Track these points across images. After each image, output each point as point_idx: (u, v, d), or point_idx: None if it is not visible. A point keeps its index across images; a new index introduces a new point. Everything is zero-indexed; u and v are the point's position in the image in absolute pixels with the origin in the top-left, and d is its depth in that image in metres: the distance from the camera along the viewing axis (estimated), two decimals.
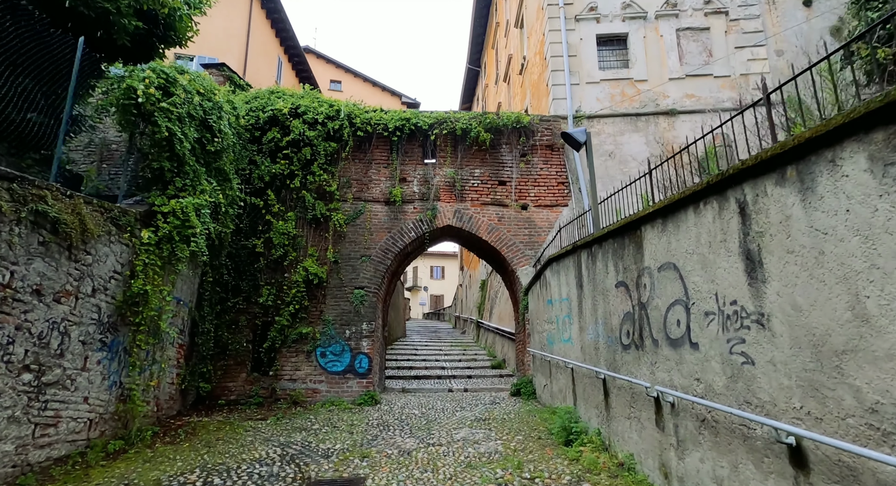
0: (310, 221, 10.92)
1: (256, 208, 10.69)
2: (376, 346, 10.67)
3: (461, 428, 7.57)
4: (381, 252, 10.98)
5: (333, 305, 10.52)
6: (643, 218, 4.96)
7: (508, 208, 11.44)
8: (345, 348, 10.20)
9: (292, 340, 10.10)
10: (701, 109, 11.86)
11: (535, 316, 10.11)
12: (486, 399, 10.15)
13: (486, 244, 11.51)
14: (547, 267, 8.89)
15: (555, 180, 11.69)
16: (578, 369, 7.03)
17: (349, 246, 10.97)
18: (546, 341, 9.00)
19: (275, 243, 10.42)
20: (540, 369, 9.58)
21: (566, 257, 7.71)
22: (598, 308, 6.27)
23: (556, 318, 8.29)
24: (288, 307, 10.11)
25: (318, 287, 10.53)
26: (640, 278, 5.05)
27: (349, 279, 10.73)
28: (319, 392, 9.91)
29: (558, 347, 8.13)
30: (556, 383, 8.30)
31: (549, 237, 11.14)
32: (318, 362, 10.07)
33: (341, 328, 10.36)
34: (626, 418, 5.34)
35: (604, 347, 6.03)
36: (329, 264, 10.73)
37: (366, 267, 10.83)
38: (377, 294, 10.77)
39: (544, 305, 9.19)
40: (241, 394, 9.74)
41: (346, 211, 11.14)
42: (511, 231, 11.29)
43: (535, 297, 10.11)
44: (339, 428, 7.68)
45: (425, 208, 11.31)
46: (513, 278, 11.60)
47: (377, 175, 11.50)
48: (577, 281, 7.15)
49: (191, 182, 7.78)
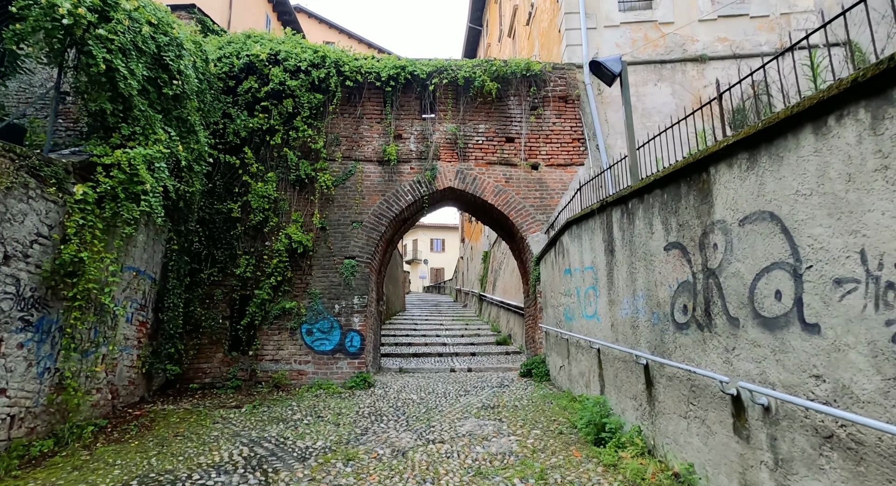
0: (293, 183, 9.57)
1: (232, 168, 9.33)
2: (369, 322, 9.46)
3: (466, 418, 6.40)
4: (375, 218, 9.67)
5: (321, 277, 9.27)
6: (713, 155, 3.63)
7: (517, 168, 10.08)
8: (334, 324, 8.99)
9: (274, 316, 8.88)
10: (735, 54, 10.36)
11: (548, 288, 8.87)
12: (493, 381, 9.00)
13: (491, 209, 10.19)
14: (565, 232, 7.60)
15: (569, 136, 10.28)
16: (607, 351, 5.81)
17: (338, 211, 9.65)
18: (563, 317, 7.78)
19: (253, 208, 9.09)
20: (555, 347, 8.38)
21: (591, 218, 6.41)
22: (636, 278, 5.00)
23: (577, 290, 7.04)
24: (269, 279, 8.85)
25: (303, 257, 9.26)
26: (707, 237, 3.75)
27: (338, 248, 9.45)
28: (305, 374, 8.74)
29: (579, 323, 6.91)
30: (577, 364, 7.10)
31: (563, 200, 9.81)
32: (303, 340, 8.87)
33: (330, 303, 9.13)
34: (680, 416, 4.12)
35: (645, 325, 4.78)
36: (315, 231, 9.43)
37: (357, 234, 9.53)
38: (370, 265, 9.51)
39: (560, 275, 7.93)
40: (216, 377, 8.57)
41: (334, 172, 9.78)
42: (520, 193, 9.96)
43: (548, 266, 8.85)
44: (324, 419, 6.51)
45: (424, 169, 9.95)
46: (522, 247, 10.32)
47: (369, 131, 10.09)
48: (606, 246, 5.86)
49: (142, 130, 6.41)
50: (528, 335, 10.40)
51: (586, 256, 6.61)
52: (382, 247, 10.12)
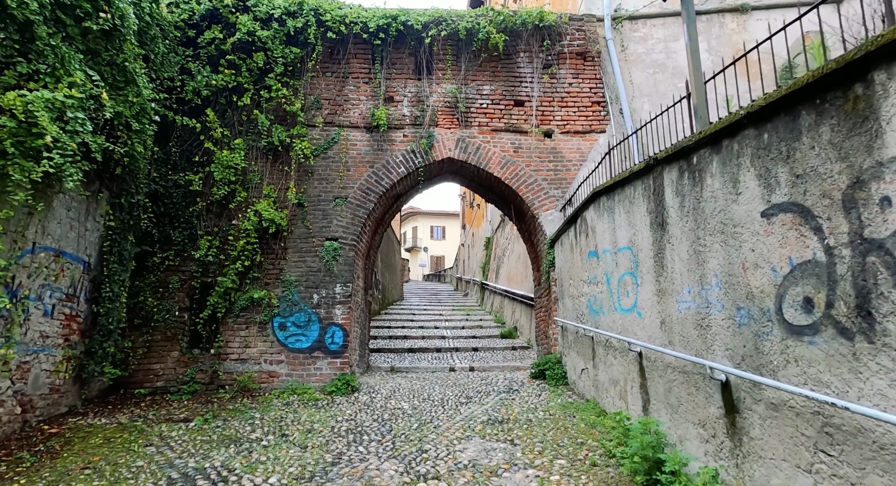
0: (265, 152, 8.08)
1: (192, 133, 7.82)
2: (355, 314, 8.03)
3: (469, 438, 4.98)
4: (361, 193, 8.19)
5: (297, 261, 7.81)
6: (881, 52, 2.15)
7: (527, 136, 8.57)
8: (312, 317, 7.55)
9: (241, 307, 7.44)
10: (782, 3, 8.78)
11: (565, 275, 7.41)
12: (500, 383, 7.58)
13: (497, 183, 8.70)
14: (590, 205, 6.12)
15: (588, 99, 8.75)
16: (655, 356, 4.36)
17: (318, 185, 8.16)
18: (586, 310, 6.33)
19: (217, 180, 7.60)
20: (574, 346, 6.94)
21: (629, 184, 4.93)
22: (706, 259, 3.54)
23: (606, 277, 5.58)
24: (234, 264, 7.39)
25: (275, 238, 7.79)
26: (864, 189, 2.29)
27: (318, 228, 7.98)
28: (277, 376, 7.32)
29: (610, 318, 5.46)
30: (606, 369, 5.66)
31: (581, 173, 8.31)
32: (275, 336, 7.44)
33: (307, 292, 7.68)
34: (797, 467, 2.67)
35: (724, 324, 3.33)
36: (291, 207, 7.95)
37: (341, 212, 8.06)
38: (355, 247, 8.05)
39: (582, 259, 6.47)
40: (171, 379, 7.15)
41: (314, 139, 8.27)
42: (531, 165, 8.46)
43: (565, 249, 7.38)
44: (289, 438, 5.09)
45: (419, 136, 8.44)
46: (533, 227, 8.84)
47: (355, 93, 8.57)
48: (653, 219, 4.39)
49: (49, 69, 4.91)
50: (540, 330, 8.97)
51: (621, 233, 5.14)
52: (370, 227, 8.65)
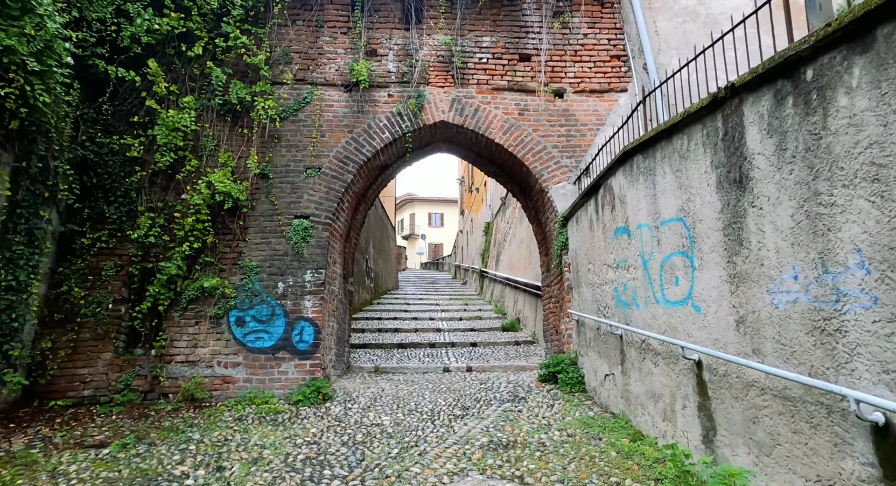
0: (222, 113, 6.69)
1: (131, 89, 6.43)
2: (329, 307, 6.69)
3: (464, 474, 3.67)
4: (338, 162, 6.82)
5: (259, 243, 6.46)
6: None
7: (535, 96, 7.17)
8: (276, 311, 6.22)
9: (189, 299, 6.10)
10: None
11: (581, 258, 6.07)
12: (503, 388, 6.28)
13: (499, 152, 7.32)
14: (617, 170, 4.76)
15: (606, 53, 7.34)
16: (726, 369, 3.03)
17: (287, 153, 6.79)
18: (611, 301, 5.00)
19: (161, 145, 6.21)
20: (595, 345, 5.61)
21: (682, 132, 3.56)
22: (836, 224, 2.20)
23: (642, 259, 4.24)
24: (181, 247, 6.04)
25: (232, 215, 6.43)
26: None
27: (286, 204, 6.62)
28: (233, 382, 6.00)
29: (648, 313, 4.13)
30: (643, 379, 4.33)
31: (599, 138, 6.94)
32: (231, 333, 6.11)
33: (271, 280, 6.34)
34: None
35: (877, 329, 2.01)
36: (253, 179, 6.58)
37: (313, 185, 6.70)
38: (330, 227, 6.69)
39: (606, 238, 5.13)
40: (101, 387, 5.82)
41: (282, 99, 6.88)
42: (539, 130, 7.08)
43: (581, 228, 6.04)
44: (226, 475, 3.77)
45: (406, 96, 7.05)
46: (541, 203, 7.48)
47: (331, 45, 7.16)
48: (721, 175, 3.03)
49: None
50: (549, 323, 7.65)
51: (666, 201, 3.79)
52: (350, 203, 7.28)
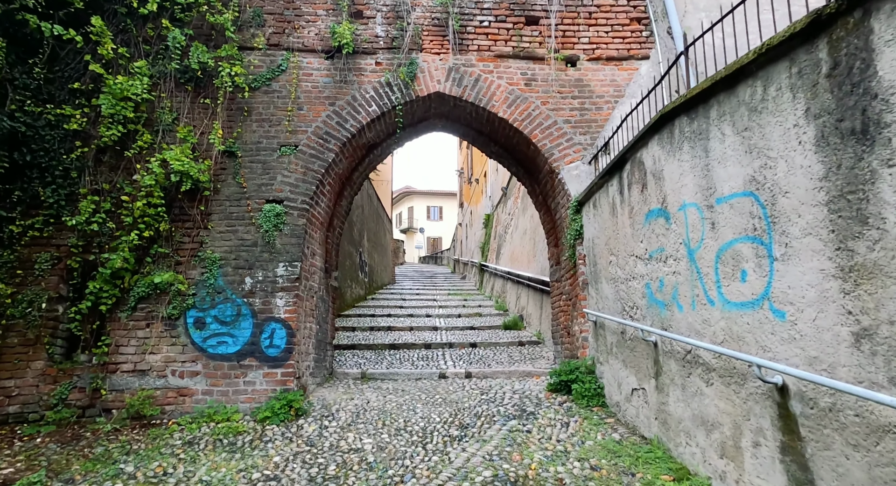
0: (182, 81, 5.73)
1: (71, 50, 5.46)
2: (306, 305, 5.76)
3: None
4: (318, 139, 5.88)
5: (224, 232, 5.52)
6: None
7: (544, 64, 6.22)
8: (242, 310, 5.29)
9: (139, 296, 5.17)
10: None
11: (600, 249, 5.14)
12: (507, 400, 5.37)
13: (503, 128, 6.38)
14: (651, 138, 3.82)
15: (625, 15, 6.38)
16: (835, 403, 2.11)
17: (258, 128, 5.84)
18: (642, 299, 4.07)
19: (107, 116, 5.26)
20: (619, 352, 4.68)
21: (755, 76, 2.63)
22: None
23: (687, 247, 3.31)
24: (129, 236, 5.10)
25: (192, 199, 5.49)
26: None
27: (256, 186, 5.68)
28: (191, 395, 5.07)
29: (698, 315, 3.20)
30: (690, 400, 3.40)
31: (618, 112, 6.00)
32: (189, 337, 5.18)
33: (237, 275, 5.40)
34: None
35: None
36: (217, 157, 5.64)
37: (288, 165, 5.76)
38: (308, 213, 5.75)
39: (634, 224, 4.20)
40: (30, 401, 4.88)
41: (253, 67, 5.93)
42: (549, 103, 6.13)
43: (601, 213, 5.10)
44: None
45: (396, 64, 6.10)
46: (550, 186, 6.53)
47: (311, 5, 6.19)
48: (829, 129, 2.10)
49: None
50: (559, 323, 6.72)
51: (726, 172, 2.86)
52: (332, 187, 6.33)
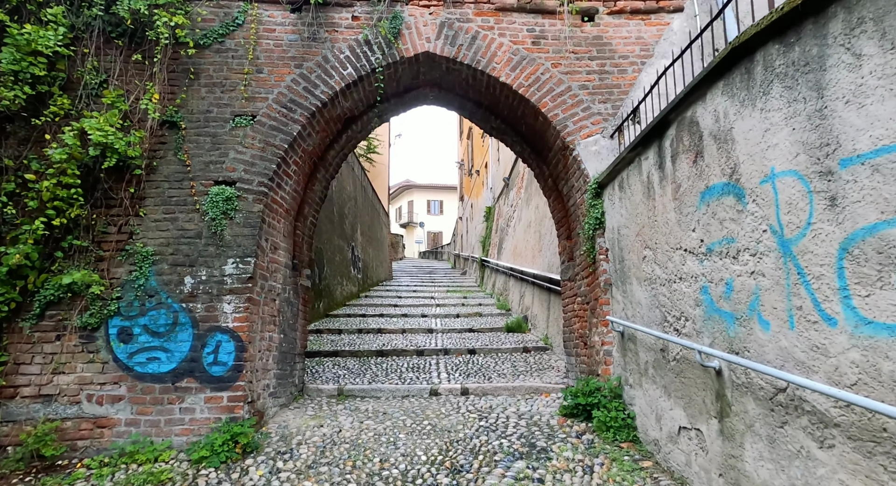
0: (112, 34, 4.62)
1: None
2: (264, 311, 4.66)
3: None
4: (281, 108, 4.78)
5: (161, 220, 4.43)
6: None
7: (555, 18, 5.11)
8: (180, 318, 4.20)
9: (47, 300, 4.09)
10: None
11: (628, 241, 4.04)
12: (512, 429, 4.29)
13: (506, 96, 5.26)
14: (711, 88, 2.71)
15: None
16: None
17: (208, 94, 4.74)
18: (696, 308, 2.97)
19: (9, 74, 4.17)
20: (657, 374, 3.57)
21: None
22: None
23: (778, 238, 2.22)
24: (34, 224, 4.02)
25: (118, 179, 4.40)
26: None
27: (203, 165, 4.58)
28: (111, 426, 4.00)
29: (794, 339, 2.11)
30: (786, 462, 2.28)
31: (644, 76, 4.89)
32: (111, 352, 4.10)
33: (175, 273, 4.32)
34: None
35: None
36: (154, 129, 4.54)
37: (244, 139, 4.66)
38: (268, 197, 4.65)
39: (682, 207, 3.10)
40: None
41: (202, 20, 4.82)
42: (561, 65, 5.02)
43: (628, 196, 3.99)
44: None
45: (377, 18, 4.98)
46: (563, 166, 5.41)
47: None
48: None
49: None
50: (573, 331, 5.62)
51: (867, 116, 1.76)
52: (301, 167, 5.22)
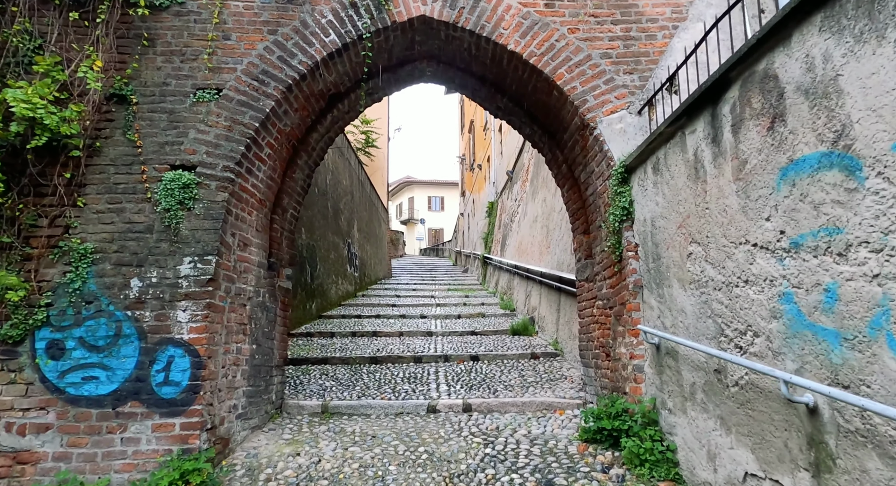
0: None
1: None
2: (232, 320, 3.92)
3: None
4: (252, 81, 4.04)
5: (104, 211, 3.71)
6: None
7: None
8: (124, 329, 3.48)
9: None
10: None
11: (666, 235, 3.29)
12: (522, 458, 3.57)
13: (514, 68, 4.51)
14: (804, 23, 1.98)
15: None
16: None
17: (165, 64, 4.01)
18: (771, 323, 2.22)
19: None
20: (710, 401, 2.81)
21: None
22: None
23: None
24: None
25: (52, 162, 3.67)
26: None
27: (157, 146, 3.86)
28: (35, 462, 3.28)
29: None
30: None
31: (677, 41, 4.14)
32: (38, 371, 3.38)
33: (119, 275, 3.59)
34: None
35: None
36: (99, 104, 3.81)
37: (207, 117, 3.93)
38: (235, 184, 3.92)
39: (748, 191, 2.35)
40: None
41: None
42: (580, 30, 4.27)
43: (667, 180, 3.25)
44: None
45: None
46: (581, 148, 4.64)
47: None
48: None
49: None
50: (593, 339, 4.86)
51: None
52: (276, 150, 4.48)
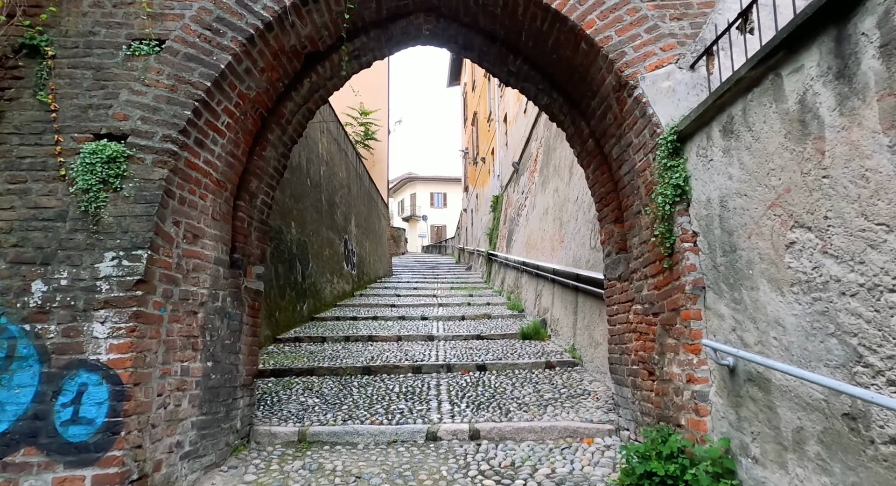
0: None
1: None
2: (176, 332, 3.04)
3: None
4: (204, 31, 3.18)
5: (1, 193, 2.87)
6: None
7: None
8: (20, 348, 2.64)
9: None
10: None
11: (740, 221, 2.40)
12: None
13: (532, 17, 3.63)
14: None
15: None
16: None
17: (92, 10, 3.15)
18: None
19: None
20: (838, 462, 1.93)
21: None
22: None
23: None
24: None
25: None
26: None
27: (78, 110, 3.00)
28: None
29: None
30: None
31: None
32: None
33: (17, 276, 2.73)
34: None
35: None
36: (3, 57, 2.97)
37: (144, 75, 3.07)
38: (178, 160, 3.05)
39: None
40: None
41: None
42: None
43: (742, 147, 2.36)
44: None
45: None
46: (614, 116, 3.75)
47: None
48: None
49: None
50: (628, 351, 3.96)
51: None
52: (237, 120, 3.60)
